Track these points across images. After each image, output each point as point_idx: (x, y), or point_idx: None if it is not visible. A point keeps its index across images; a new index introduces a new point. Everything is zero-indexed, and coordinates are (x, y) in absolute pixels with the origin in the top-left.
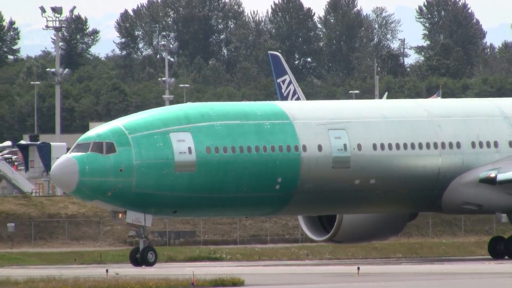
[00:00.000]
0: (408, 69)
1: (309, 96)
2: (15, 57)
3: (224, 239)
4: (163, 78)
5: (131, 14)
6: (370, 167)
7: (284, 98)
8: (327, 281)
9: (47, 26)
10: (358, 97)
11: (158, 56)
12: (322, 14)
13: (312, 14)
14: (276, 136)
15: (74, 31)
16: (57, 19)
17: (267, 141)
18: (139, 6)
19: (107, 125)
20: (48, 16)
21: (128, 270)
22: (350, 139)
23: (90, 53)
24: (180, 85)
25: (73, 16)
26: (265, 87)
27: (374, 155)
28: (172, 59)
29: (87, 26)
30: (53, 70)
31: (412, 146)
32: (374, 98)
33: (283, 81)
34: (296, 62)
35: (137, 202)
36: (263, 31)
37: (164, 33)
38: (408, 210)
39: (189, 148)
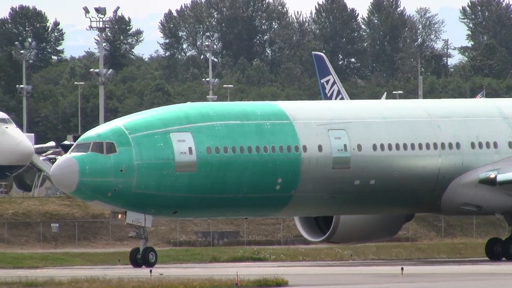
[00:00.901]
0: (452, 70)
1: (353, 97)
2: (59, 57)
3: (268, 239)
4: (207, 79)
5: (175, 14)
6: (370, 168)
7: (328, 98)
8: (371, 281)
9: (90, 27)
10: (402, 97)
11: (202, 57)
12: (365, 14)
13: (356, 14)
14: (276, 137)
15: (118, 31)
16: (101, 19)
17: (268, 142)
18: (183, 6)
19: (107, 125)
20: (92, 17)
21: (172, 271)
22: (350, 139)
23: (133, 53)
24: (224, 85)
25: (116, 17)
26: (308, 87)
27: (374, 156)
28: (216, 60)
29: (131, 27)
30: (97, 70)
31: (412, 146)
32: (418, 98)
33: (327, 82)
34: (340, 62)
35: (137, 203)
36: (307, 32)
37: (208, 33)
38: (407, 211)
39: (190, 148)
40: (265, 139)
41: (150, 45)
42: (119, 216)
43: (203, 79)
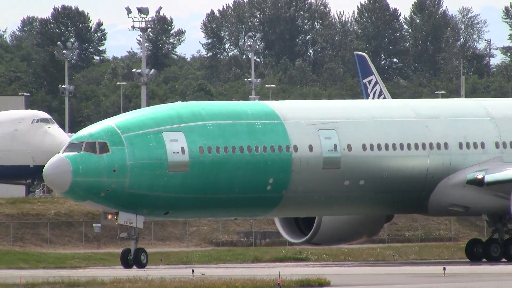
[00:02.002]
0: (494, 70)
1: (395, 97)
2: (101, 58)
3: None
4: (249, 79)
5: (217, 14)
6: (360, 168)
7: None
8: (413, 281)
9: (133, 27)
10: (444, 97)
11: (244, 57)
12: (408, 14)
13: (398, 14)
14: (267, 136)
15: (160, 31)
16: (143, 19)
17: (259, 141)
18: (225, 6)
19: (98, 124)
20: (134, 17)
21: (214, 271)
22: (340, 139)
23: (175, 53)
24: (266, 85)
25: (158, 17)
26: (351, 87)
27: (364, 156)
28: (258, 60)
29: (172, 27)
30: (139, 70)
31: (401, 146)
32: (460, 98)
33: (369, 82)
34: (382, 62)
35: (130, 203)
36: (349, 32)
37: (250, 33)
38: (394, 212)
39: (182, 148)
40: (257, 139)
41: (192, 45)
42: (109, 216)
43: (245, 79)
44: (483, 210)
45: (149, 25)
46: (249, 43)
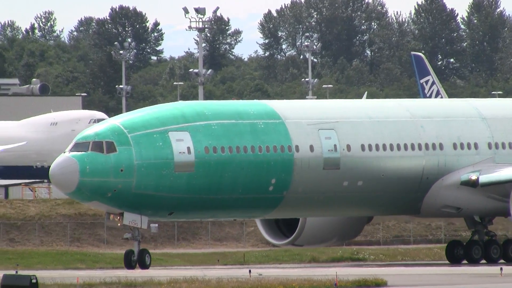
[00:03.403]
0: None
1: (452, 97)
2: (158, 58)
3: (367, 239)
4: (306, 79)
5: (275, 15)
6: (359, 169)
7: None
8: (470, 281)
9: (190, 27)
10: (501, 97)
11: (301, 57)
12: (465, 14)
13: (455, 14)
14: (270, 136)
15: (217, 31)
16: (200, 20)
17: (262, 141)
18: (283, 7)
19: (103, 123)
20: (191, 17)
21: (271, 271)
22: (340, 139)
23: (233, 53)
24: (323, 85)
25: (216, 17)
26: (408, 87)
27: (362, 156)
28: (315, 60)
29: (230, 27)
30: (196, 71)
31: (398, 147)
32: None
33: (426, 82)
34: (439, 62)
35: (135, 203)
36: (406, 32)
37: (307, 33)
38: (388, 213)
39: (188, 148)
40: (260, 139)
41: (249, 45)
42: (111, 216)
43: (302, 79)
44: (475, 211)
45: (206, 25)
46: (306, 43)
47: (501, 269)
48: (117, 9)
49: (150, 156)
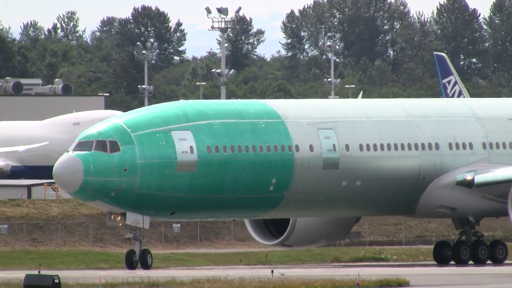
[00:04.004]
0: None
1: (474, 97)
2: (180, 58)
3: (390, 239)
4: (328, 79)
5: (297, 14)
6: (357, 168)
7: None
8: (494, 281)
9: (212, 27)
10: None
11: (323, 57)
12: (487, 14)
13: (478, 14)
14: (270, 136)
15: (239, 32)
16: (223, 20)
17: (263, 141)
18: (305, 7)
19: (106, 122)
20: (214, 17)
21: (294, 271)
22: (339, 139)
23: (255, 53)
24: (346, 85)
25: (238, 17)
26: (430, 87)
27: (361, 156)
28: (337, 60)
29: (252, 27)
30: (218, 71)
31: (395, 147)
32: None
33: (449, 82)
34: (461, 62)
35: (138, 203)
36: (428, 32)
37: (329, 33)
38: (383, 213)
39: (191, 147)
40: (260, 138)
41: (272, 45)
42: (112, 216)
43: (325, 79)
44: (470, 211)
45: (228, 25)
46: (328, 43)
47: None
48: (139, 9)
49: (153, 156)
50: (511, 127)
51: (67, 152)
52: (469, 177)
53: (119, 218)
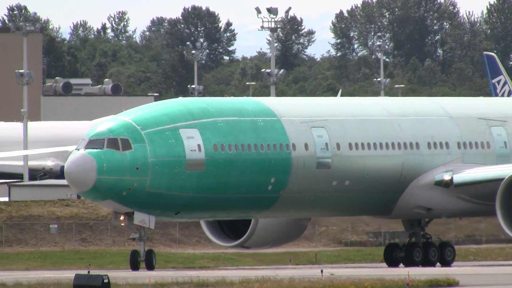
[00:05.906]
0: None
1: None
2: (230, 58)
3: (439, 239)
4: (378, 79)
5: (346, 15)
6: (347, 168)
7: None
8: None
9: (262, 27)
10: None
11: (373, 57)
12: None
13: None
14: (269, 134)
15: (290, 32)
16: (273, 20)
17: (263, 139)
18: (354, 7)
19: (113, 120)
20: (264, 17)
21: (343, 271)
22: (330, 137)
23: (305, 53)
24: (396, 85)
25: (288, 17)
26: (480, 87)
27: (350, 155)
28: (387, 60)
29: (303, 27)
30: (268, 70)
31: (380, 146)
32: None
33: (498, 82)
34: (511, 62)
35: (148, 203)
36: (478, 32)
37: (379, 33)
38: (363, 213)
39: (199, 146)
40: (261, 137)
41: (321, 45)
42: (116, 215)
43: (374, 79)
44: (445, 212)
45: (278, 26)
46: (378, 43)
47: None
48: (189, 9)
49: (163, 154)
50: (481, 126)
51: (77, 150)
52: (447, 177)
53: (123, 217)
